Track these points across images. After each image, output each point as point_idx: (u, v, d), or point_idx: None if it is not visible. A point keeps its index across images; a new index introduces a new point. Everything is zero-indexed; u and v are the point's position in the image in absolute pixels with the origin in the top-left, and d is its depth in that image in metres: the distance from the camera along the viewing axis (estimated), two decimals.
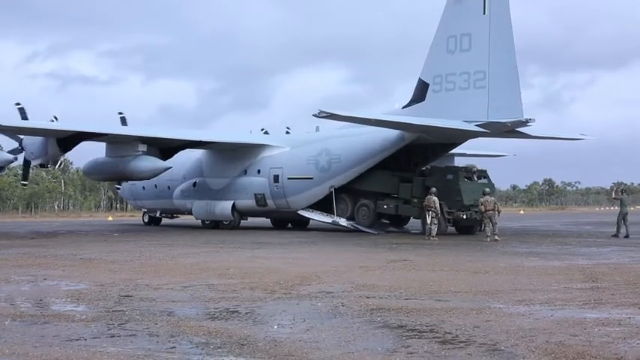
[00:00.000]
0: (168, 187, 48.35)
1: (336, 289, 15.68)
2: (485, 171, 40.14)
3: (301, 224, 47.04)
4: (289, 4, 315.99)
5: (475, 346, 9.80)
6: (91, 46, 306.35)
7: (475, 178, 38.64)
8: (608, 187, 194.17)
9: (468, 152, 52.27)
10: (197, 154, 46.93)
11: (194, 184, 46.70)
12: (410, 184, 39.59)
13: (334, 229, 42.28)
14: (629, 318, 11.97)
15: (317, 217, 42.70)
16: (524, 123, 34.74)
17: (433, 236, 33.65)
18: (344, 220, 41.54)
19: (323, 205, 42.38)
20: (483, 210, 33.54)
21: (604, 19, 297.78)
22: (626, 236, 35.50)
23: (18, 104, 41.74)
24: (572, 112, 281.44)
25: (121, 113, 47.18)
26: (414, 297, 14.53)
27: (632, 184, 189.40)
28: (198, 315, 12.64)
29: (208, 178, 46.27)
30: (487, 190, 34.59)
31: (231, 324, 11.58)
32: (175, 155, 43.66)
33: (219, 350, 9.65)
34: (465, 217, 37.29)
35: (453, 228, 39.13)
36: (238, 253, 26.22)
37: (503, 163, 56.47)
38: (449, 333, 10.73)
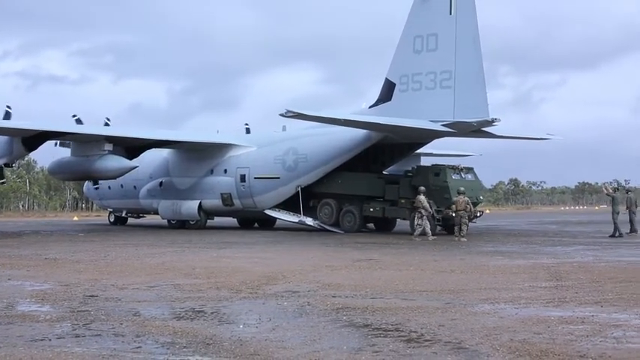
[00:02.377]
0: (135, 187, 48.11)
1: (302, 289, 15.69)
2: (472, 168, 40.00)
3: (268, 224, 47.08)
4: (261, 4, 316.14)
5: (440, 345, 9.85)
6: (62, 45, 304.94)
7: (462, 176, 38.47)
8: (572, 186, 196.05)
9: (434, 152, 52.41)
10: (163, 153, 46.74)
11: (160, 184, 46.51)
12: (396, 185, 39.18)
13: (301, 229, 42.29)
14: (593, 316, 12.07)
15: (283, 216, 42.71)
16: (490, 123, 34.93)
17: (418, 235, 33.66)
18: (310, 219, 41.55)
19: (291, 204, 42.37)
20: (455, 209, 33.58)
21: (575, 21, 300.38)
22: (620, 235, 35.48)
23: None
24: (541, 113, 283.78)
25: (75, 115, 46.62)
26: (380, 296, 14.56)
27: (597, 183, 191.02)
28: (164, 315, 12.60)
29: (175, 177, 46.10)
30: (461, 189, 34.47)
31: (197, 324, 11.56)
32: (142, 155, 43.51)
33: (184, 350, 9.63)
34: (454, 214, 36.62)
35: (442, 227, 38.88)
36: (204, 253, 26.15)
37: (469, 163, 56.60)
38: (414, 332, 10.77)
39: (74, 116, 46.18)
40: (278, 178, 41.96)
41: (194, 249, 28.26)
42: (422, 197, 34.30)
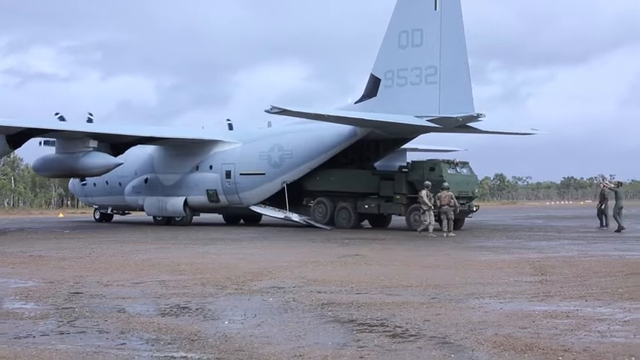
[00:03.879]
0: (120, 184, 47.97)
1: (288, 285, 15.68)
2: (467, 162, 39.76)
3: (253, 220, 47.08)
4: (250, 0, 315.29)
5: (425, 340, 9.86)
6: (51, 42, 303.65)
7: (458, 170, 38.22)
8: (558, 181, 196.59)
9: (419, 147, 52.48)
10: (149, 150, 46.61)
11: (145, 181, 46.39)
12: (391, 181, 38.78)
13: (287, 225, 42.28)
14: (577, 310, 12.10)
15: (269, 212, 42.71)
16: (475, 118, 34.97)
17: (422, 230, 33.46)
18: (296, 215, 41.55)
19: (276, 200, 42.37)
20: (439, 205, 33.56)
21: (564, 17, 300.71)
22: (605, 226, 35.74)
23: None
24: (529, 108, 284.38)
25: (57, 114, 46.34)
26: (365, 291, 14.57)
27: (582, 178, 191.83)
28: (149, 311, 12.58)
29: (160, 174, 46.00)
30: (446, 184, 34.31)
31: (182, 320, 11.54)
32: (127, 151, 43.43)
33: (169, 346, 9.61)
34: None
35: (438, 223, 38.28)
36: (190, 249, 26.11)
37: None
38: (399, 327, 10.78)
39: (57, 114, 45.96)
40: (263, 174, 41.95)
41: (179, 245, 28.20)
42: (423, 192, 34.00)
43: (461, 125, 36.51)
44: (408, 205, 37.52)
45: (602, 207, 39.24)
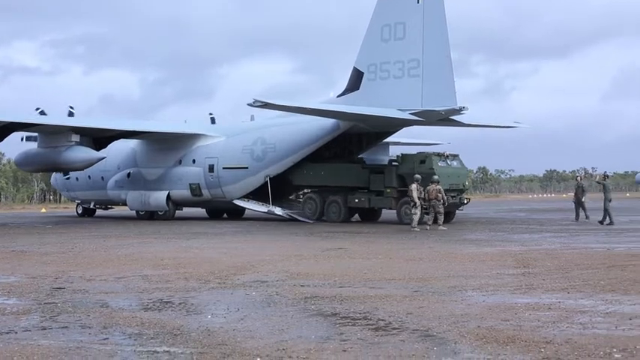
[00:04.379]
0: (102, 178, 47.80)
1: (271, 278, 15.68)
2: (457, 155, 39.39)
3: (237, 214, 46.97)
4: None
5: (408, 332, 9.87)
6: (34, 36, 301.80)
7: (448, 162, 37.93)
8: (540, 174, 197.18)
9: (402, 141, 52.50)
10: (131, 144, 46.47)
11: (128, 175, 46.26)
12: (381, 174, 38.58)
13: (270, 219, 42.27)
14: (559, 302, 12.16)
15: (252, 206, 42.66)
16: (458, 111, 35.01)
17: (413, 227, 32.52)
18: (279, 209, 41.54)
19: (260, 194, 42.34)
20: (427, 198, 33.49)
21: (548, 10, 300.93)
22: (610, 222, 35.11)
23: None
24: (513, 101, 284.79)
25: (38, 109, 46.04)
26: (348, 285, 14.58)
27: (565, 171, 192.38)
28: (132, 306, 12.56)
29: (143, 168, 45.87)
30: (435, 177, 34.03)
31: (165, 314, 11.52)
32: (109, 145, 43.31)
33: (152, 341, 9.60)
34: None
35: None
36: (173, 244, 26.07)
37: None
38: (382, 320, 10.80)
39: (38, 109, 45.69)
40: (246, 168, 41.89)
41: (162, 240, 28.16)
42: (413, 186, 33.64)
43: (444, 118, 36.57)
44: (398, 198, 37.34)
45: (583, 200, 39.28)
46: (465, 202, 39.57)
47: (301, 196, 41.88)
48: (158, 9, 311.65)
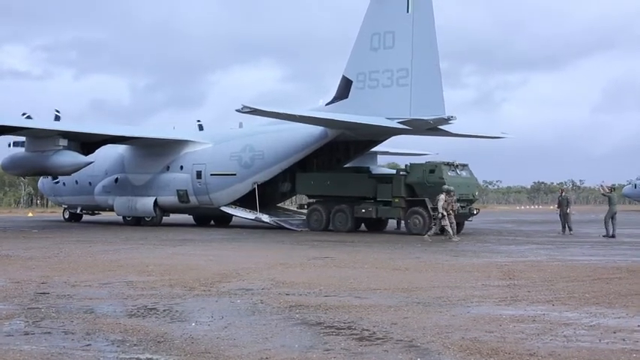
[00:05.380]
0: (90, 183, 47.73)
1: (256, 286, 15.65)
2: (467, 165, 38.80)
3: (224, 221, 46.91)
4: (226, 0, 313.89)
5: (392, 343, 9.86)
6: (25, 40, 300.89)
7: (458, 172, 37.35)
8: (528, 185, 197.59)
9: (391, 150, 52.63)
10: (119, 149, 46.41)
11: (116, 180, 46.19)
12: (389, 184, 37.78)
13: (257, 226, 42.24)
14: (544, 314, 12.16)
15: (240, 213, 42.63)
16: (446, 120, 35.08)
17: (429, 235, 32.21)
18: (267, 216, 41.54)
19: (247, 201, 42.31)
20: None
21: (539, 22, 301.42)
22: (612, 236, 34.77)
23: None
24: (503, 112, 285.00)
25: (24, 114, 45.71)
26: (334, 294, 14.56)
27: (552, 183, 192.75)
28: (116, 312, 12.50)
29: (130, 174, 45.81)
30: (445, 187, 33.41)
31: (149, 321, 11.49)
32: (97, 150, 43.21)
33: (135, 348, 9.56)
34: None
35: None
36: (159, 250, 26.03)
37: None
38: (366, 330, 10.78)
39: (24, 114, 45.51)
40: (234, 174, 41.86)
41: (149, 246, 28.11)
42: (441, 196, 32.76)
43: (432, 128, 36.63)
44: (406, 208, 36.85)
45: (568, 211, 39.24)
46: (475, 212, 39.01)
47: (305, 206, 41.54)
48: (150, 15, 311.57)
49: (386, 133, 39.35)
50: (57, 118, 45.80)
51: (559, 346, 9.65)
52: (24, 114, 44.75)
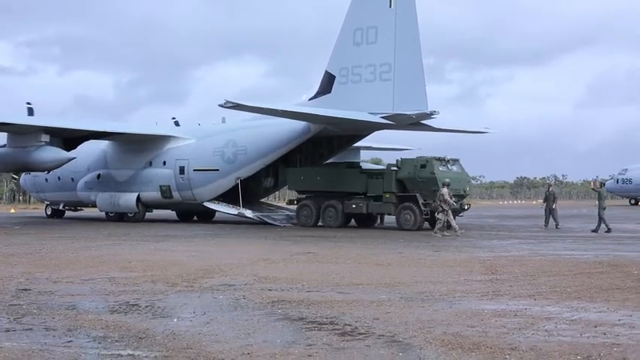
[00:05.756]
0: (72, 179, 47.46)
1: (239, 282, 15.64)
2: (458, 160, 38.44)
3: (207, 216, 46.81)
4: None
5: (374, 338, 9.88)
6: (9, 36, 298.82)
7: (449, 167, 37.05)
8: (511, 180, 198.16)
9: (373, 145, 52.63)
10: (102, 145, 46.16)
11: (98, 176, 45.97)
12: (380, 179, 37.43)
13: (240, 221, 42.20)
14: (526, 309, 12.20)
15: (223, 209, 42.54)
16: (429, 115, 35.14)
17: (435, 231, 32.27)
18: (250, 212, 41.43)
19: (230, 197, 42.24)
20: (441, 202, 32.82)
21: (524, 18, 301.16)
22: (595, 230, 34.98)
23: None
24: (487, 108, 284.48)
25: (29, 103, 45.55)
26: (316, 289, 14.58)
27: (535, 178, 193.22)
28: (98, 308, 12.48)
29: (113, 169, 45.60)
30: (447, 180, 33.58)
31: (131, 317, 11.47)
32: (79, 146, 43.00)
33: (116, 344, 9.55)
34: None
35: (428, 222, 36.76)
36: (142, 246, 25.97)
37: (408, 157, 56.96)
38: (348, 325, 10.79)
39: (28, 103, 45.34)
40: (217, 170, 41.76)
41: (131, 242, 28.05)
42: (444, 190, 32.89)
43: (415, 123, 36.67)
44: (397, 204, 36.56)
45: (554, 207, 39.29)
46: (466, 207, 38.97)
47: (295, 202, 41.30)
48: (134, 10, 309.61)
49: (369, 128, 39.37)
50: (30, 111, 45.38)
51: (540, 341, 9.69)
52: (28, 103, 44.53)
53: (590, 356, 8.88)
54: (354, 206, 37.98)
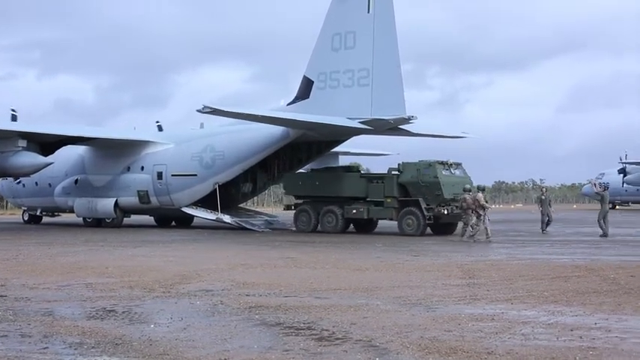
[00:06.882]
0: (49, 185, 47.28)
1: (216, 288, 15.62)
2: (460, 164, 38.15)
3: (185, 222, 46.66)
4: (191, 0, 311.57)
5: (351, 343, 9.88)
6: None
7: (452, 171, 36.67)
8: (490, 184, 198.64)
9: (352, 150, 52.68)
10: (79, 150, 45.97)
11: (76, 182, 45.79)
12: (381, 183, 36.83)
13: (219, 227, 42.13)
14: (503, 313, 12.24)
15: (201, 214, 42.44)
16: (407, 120, 35.19)
17: (465, 238, 32.05)
18: (228, 217, 41.37)
19: (209, 202, 42.15)
20: (465, 207, 32.71)
21: (504, 24, 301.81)
22: (605, 235, 34.49)
23: None
24: (467, 113, 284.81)
25: (14, 110, 45.21)
26: (294, 294, 14.56)
27: (514, 182, 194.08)
28: (74, 315, 12.42)
29: (90, 175, 45.42)
30: (467, 186, 33.54)
31: (107, 323, 11.42)
32: (57, 151, 42.80)
33: (92, 350, 9.51)
34: (446, 212, 35.13)
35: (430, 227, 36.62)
36: (119, 252, 25.88)
37: (387, 162, 56.90)
38: (326, 330, 10.79)
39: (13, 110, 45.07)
40: (195, 175, 41.67)
41: (109, 247, 27.95)
42: (479, 195, 32.70)
43: (393, 128, 36.70)
44: (399, 209, 36.08)
45: (552, 210, 39.18)
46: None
47: (293, 207, 40.80)
48: (115, 14, 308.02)
49: (347, 133, 39.37)
50: (14, 117, 45.21)
51: (517, 345, 9.72)
52: (13, 110, 44.23)
53: None
54: (354, 211, 37.34)
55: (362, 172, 40.40)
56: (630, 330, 10.88)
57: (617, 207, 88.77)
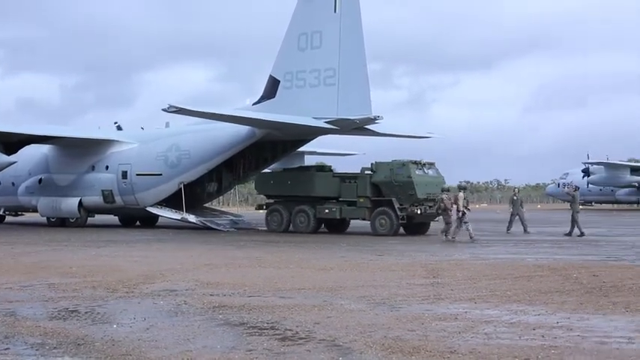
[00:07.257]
0: (13, 184, 46.83)
1: (180, 287, 15.58)
2: (434, 163, 37.66)
3: (150, 222, 46.39)
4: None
5: (314, 342, 9.90)
6: None
7: (425, 171, 36.30)
8: (454, 184, 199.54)
9: (318, 150, 52.66)
10: (43, 149, 45.60)
11: (40, 181, 45.41)
12: (354, 183, 36.45)
13: (183, 227, 41.98)
14: (466, 312, 12.31)
15: (166, 213, 42.25)
16: (373, 120, 35.25)
17: (450, 237, 31.99)
18: (193, 216, 41.18)
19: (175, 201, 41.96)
20: (443, 208, 32.74)
21: (472, 23, 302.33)
22: (569, 235, 34.97)
23: None
24: (434, 113, 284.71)
25: None
26: (258, 294, 14.55)
27: (478, 182, 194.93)
28: (36, 315, 12.34)
29: (54, 174, 45.05)
30: (446, 186, 33.19)
31: (70, 324, 11.36)
32: (20, 150, 42.42)
33: (54, 351, 9.46)
34: (419, 212, 34.78)
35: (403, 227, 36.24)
36: (83, 252, 25.73)
37: (352, 162, 56.92)
38: (289, 330, 10.80)
39: None
40: (160, 174, 41.44)
41: (72, 247, 27.78)
42: (460, 194, 32.75)
43: (359, 127, 36.73)
44: (372, 208, 35.81)
45: (524, 211, 39.38)
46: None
47: (264, 207, 40.48)
48: (81, 12, 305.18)
49: (313, 132, 39.33)
50: None
51: (479, 344, 9.79)
52: None
53: (529, 358, 9.00)
54: (326, 211, 36.99)
55: (334, 171, 39.95)
56: (592, 329, 10.98)
57: (581, 207, 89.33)
